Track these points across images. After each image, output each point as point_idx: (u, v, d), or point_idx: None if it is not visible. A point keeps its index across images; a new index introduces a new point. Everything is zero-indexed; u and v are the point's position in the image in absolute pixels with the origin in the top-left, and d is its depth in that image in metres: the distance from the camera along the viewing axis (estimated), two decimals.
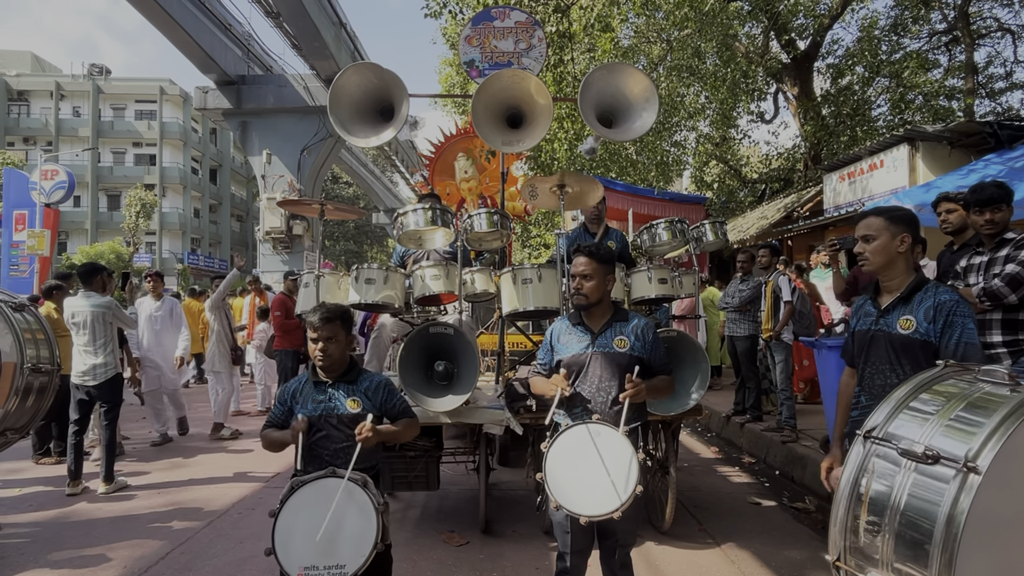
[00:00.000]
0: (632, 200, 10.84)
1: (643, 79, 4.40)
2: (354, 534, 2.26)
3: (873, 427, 1.69)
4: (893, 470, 1.58)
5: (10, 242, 15.56)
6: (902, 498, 1.52)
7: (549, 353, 2.73)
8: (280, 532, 2.26)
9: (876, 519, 1.57)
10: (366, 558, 2.23)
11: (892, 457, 1.60)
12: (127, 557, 3.79)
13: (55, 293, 6.04)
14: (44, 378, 3.64)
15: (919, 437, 1.56)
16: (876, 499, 1.59)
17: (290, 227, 18.64)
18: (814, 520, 4.41)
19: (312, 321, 2.48)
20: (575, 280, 2.60)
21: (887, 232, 2.35)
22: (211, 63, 17.80)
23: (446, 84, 19.02)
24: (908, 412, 1.68)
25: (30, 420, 3.68)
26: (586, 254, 2.58)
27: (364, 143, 4.51)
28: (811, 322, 6.66)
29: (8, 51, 43.92)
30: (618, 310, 2.69)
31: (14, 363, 3.33)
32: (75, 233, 39.75)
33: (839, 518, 1.65)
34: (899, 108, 13.64)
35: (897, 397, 1.73)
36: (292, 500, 2.32)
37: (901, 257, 2.35)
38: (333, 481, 2.35)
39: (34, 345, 3.61)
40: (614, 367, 2.55)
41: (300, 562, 2.22)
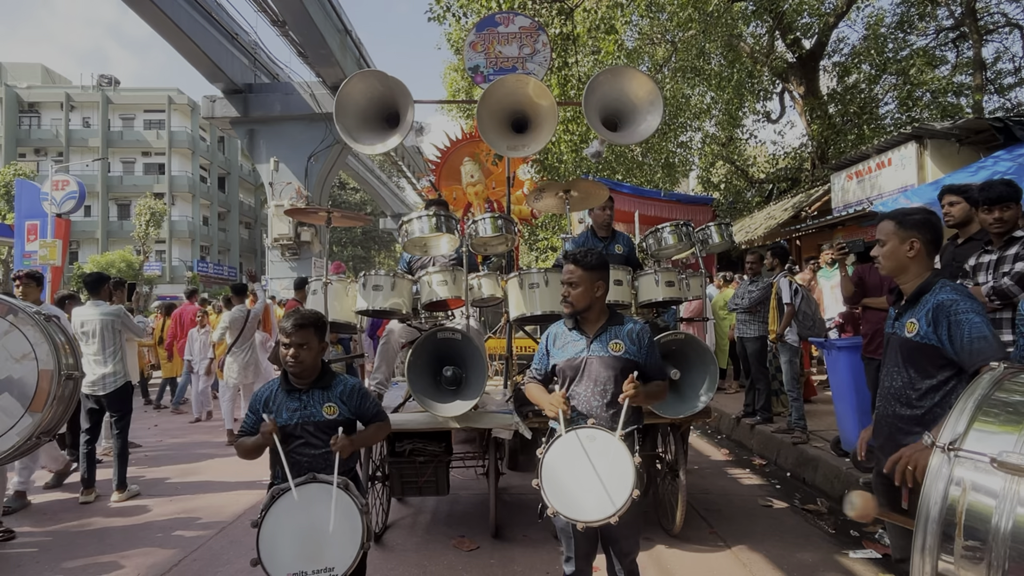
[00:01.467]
0: (639, 202, 10.82)
1: (647, 82, 4.41)
2: (340, 536, 2.28)
3: (953, 439, 1.51)
4: (991, 488, 1.38)
5: (23, 252, 15.68)
6: (1009, 519, 1.32)
7: (545, 358, 2.72)
8: (265, 541, 2.28)
9: (978, 544, 1.36)
10: (354, 559, 2.27)
11: (985, 470, 1.40)
12: (140, 565, 3.82)
13: (67, 303, 6.10)
14: (72, 386, 3.80)
15: (1013, 447, 1.38)
16: (974, 521, 1.38)
17: (298, 234, 18.72)
18: (826, 522, 4.38)
19: (285, 327, 2.46)
20: (563, 287, 2.59)
21: (896, 237, 2.35)
22: (218, 72, 17.94)
23: (451, 89, 19.09)
24: (986, 421, 1.50)
25: (58, 424, 3.86)
26: (572, 261, 2.56)
27: (370, 150, 4.53)
28: (815, 323, 6.62)
29: (19, 63, 44.47)
30: (613, 314, 2.67)
31: (51, 371, 3.50)
32: (86, 242, 40.12)
33: (928, 546, 1.44)
34: (907, 105, 13.57)
35: (968, 407, 1.57)
36: (274, 508, 2.33)
37: (912, 262, 2.33)
38: (314, 486, 2.37)
39: (65, 354, 3.76)
40: (609, 371, 2.54)
41: (288, 568, 2.24)
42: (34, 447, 3.79)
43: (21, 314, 3.53)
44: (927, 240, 2.32)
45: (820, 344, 5.96)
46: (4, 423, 3.42)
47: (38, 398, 3.47)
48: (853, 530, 4.17)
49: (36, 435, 3.53)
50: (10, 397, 3.45)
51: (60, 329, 3.84)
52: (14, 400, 3.45)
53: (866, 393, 4.88)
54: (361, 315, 4.11)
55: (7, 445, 3.41)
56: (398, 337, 4.60)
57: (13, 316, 3.52)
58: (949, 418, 1.57)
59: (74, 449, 6.05)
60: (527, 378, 2.81)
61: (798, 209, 12.28)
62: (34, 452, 4.32)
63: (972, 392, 1.60)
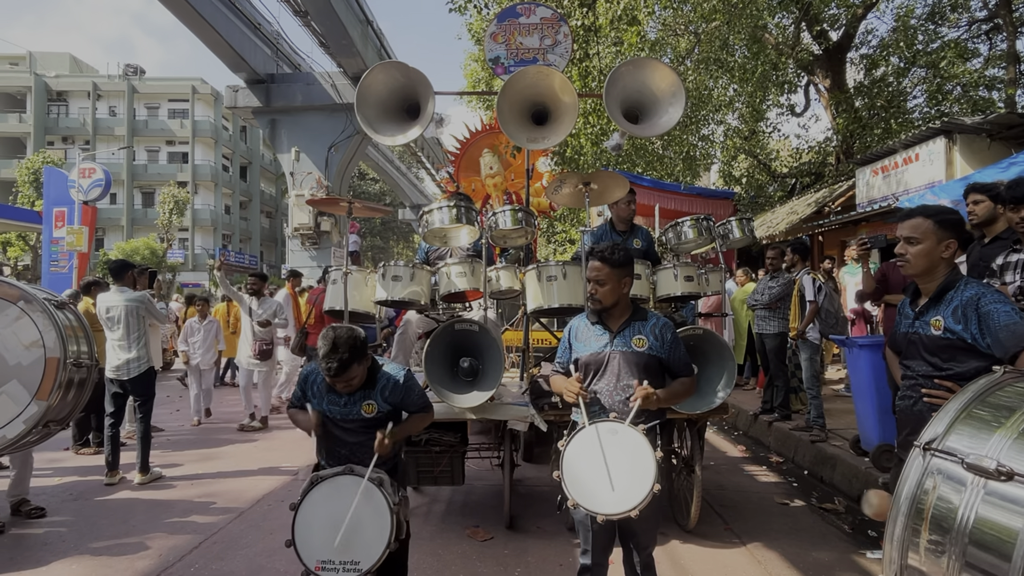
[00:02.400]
0: (659, 195, 10.70)
1: (669, 74, 4.36)
2: (369, 532, 2.31)
3: (932, 439, 1.59)
4: (957, 487, 1.47)
5: (50, 238, 16.01)
6: (970, 519, 1.40)
7: (567, 351, 2.72)
8: (300, 525, 2.33)
9: (939, 539, 1.46)
10: (379, 556, 2.29)
11: (956, 473, 1.48)
12: (163, 546, 3.90)
13: (93, 289, 6.22)
14: (84, 372, 3.76)
15: (986, 451, 1.45)
16: (939, 518, 1.48)
17: (318, 223, 18.91)
18: (844, 521, 4.34)
19: (328, 370, 2.36)
20: (590, 284, 2.58)
21: (934, 237, 2.29)
22: (241, 62, 18.11)
23: (471, 79, 19.06)
24: (968, 423, 1.57)
25: (70, 412, 3.82)
26: (599, 259, 2.54)
27: (391, 141, 4.54)
28: (838, 320, 6.53)
29: (48, 53, 45.23)
30: (637, 309, 2.67)
31: (58, 358, 3.46)
32: (111, 230, 40.84)
33: (896, 535, 1.55)
34: (936, 99, 13.23)
35: (956, 407, 1.63)
36: (312, 495, 2.38)
37: (944, 262, 2.30)
38: (351, 479, 2.41)
39: (75, 341, 3.73)
40: (632, 366, 2.54)
41: (317, 556, 2.28)
42: (44, 436, 3.77)
43: (33, 301, 3.51)
44: (960, 241, 2.30)
45: (841, 342, 5.88)
46: (12, 410, 3.41)
47: (44, 385, 3.45)
48: (871, 530, 4.12)
49: (44, 423, 3.50)
50: (18, 384, 3.44)
51: (75, 316, 3.85)
52: (22, 387, 3.44)
53: (887, 392, 4.80)
54: (380, 305, 4.13)
55: (14, 433, 3.40)
56: (415, 327, 4.63)
57: (25, 303, 3.50)
58: (934, 418, 1.64)
59: (99, 432, 6.19)
60: (551, 370, 2.82)
61: (821, 204, 12.08)
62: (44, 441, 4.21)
63: (963, 394, 1.66)
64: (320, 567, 2.26)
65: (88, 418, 6.26)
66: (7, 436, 3.38)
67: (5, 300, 3.48)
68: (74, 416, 3.90)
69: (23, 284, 3.62)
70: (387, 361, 2.72)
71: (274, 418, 7.84)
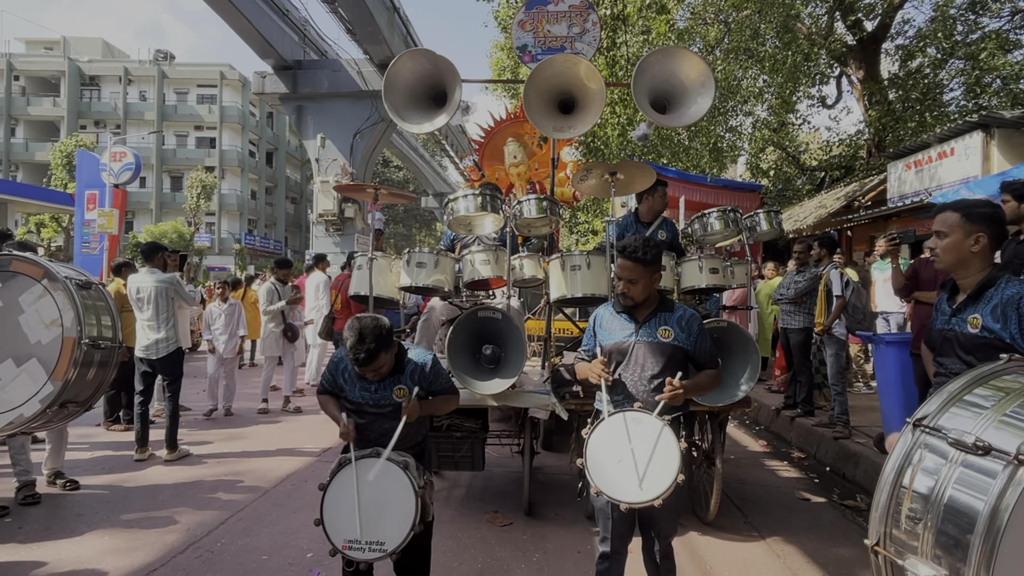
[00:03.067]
0: (684, 187, 10.60)
1: (699, 63, 4.30)
2: (395, 514, 2.35)
3: (924, 416, 1.67)
4: (940, 461, 1.56)
5: (82, 220, 16.39)
6: (947, 489, 1.51)
7: (592, 339, 2.72)
8: (328, 505, 2.38)
9: (919, 508, 1.56)
10: (404, 537, 2.32)
11: (940, 448, 1.58)
12: (190, 521, 4.01)
13: (123, 270, 6.37)
14: (105, 354, 3.73)
15: (971, 429, 1.54)
16: (920, 488, 1.58)
17: (342, 210, 19.04)
18: (866, 519, 4.29)
19: (356, 360, 2.40)
20: (620, 282, 2.55)
21: (960, 230, 2.25)
22: (269, 48, 18.24)
23: (497, 68, 18.98)
24: (962, 405, 1.65)
25: (93, 394, 3.79)
26: (632, 259, 2.49)
27: (417, 129, 4.56)
28: (865, 316, 6.43)
29: (82, 38, 46.08)
30: (663, 300, 2.65)
31: (73, 338, 3.44)
32: (141, 213, 41.63)
33: (881, 504, 1.65)
34: (974, 92, 12.84)
35: (951, 389, 1.70)
36: (340, 476, 2.42)
37: (975, 257, 2.24)
38: (378, 461, 2.44)
39: (96, 321, 3.69)
40: (658, 357, 2.53)
41: (345, 535, 2.32)
42: (65, 417, 3.72)
43: (56, 279, 3.47)
44: (993, 235, 2.23)
45: (868, 338, 5.80)
46: (30, 389, 3.39)
47: (60, 365, 3.40)
48: None
49: (61, 403, 3.46)
50: (37, 363, 3.42)
51: (100, 296, 3.81)
52: (40, 366, 3.41)
53: (914, 389, 4.72)
54: (404, 291, 4.17)
55: (31, 412, 3.36)
56: (439, 314, 4.66)
57: (48, 281, 3.47)
58: (930, 398, 1.72)
59: (129, 409, 6.36)
60: (576, 357, 2.83)
61: (851, 199, 11.85)
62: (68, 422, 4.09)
63: (963, 377, 1.74)
64: (347, 546, 2.30)
65: (119, 396, 6.45)
66: (24, 415, 3.36)
67: (30, 278, 3.47)
68: (96, 398, 3.83)
69: (48, 262, 3.55)
70: (413, 346, 2.75)
71: (297, 399, 7.98)
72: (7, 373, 3.39)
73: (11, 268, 3.47)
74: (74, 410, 3.70)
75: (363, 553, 2.30)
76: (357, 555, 2.30)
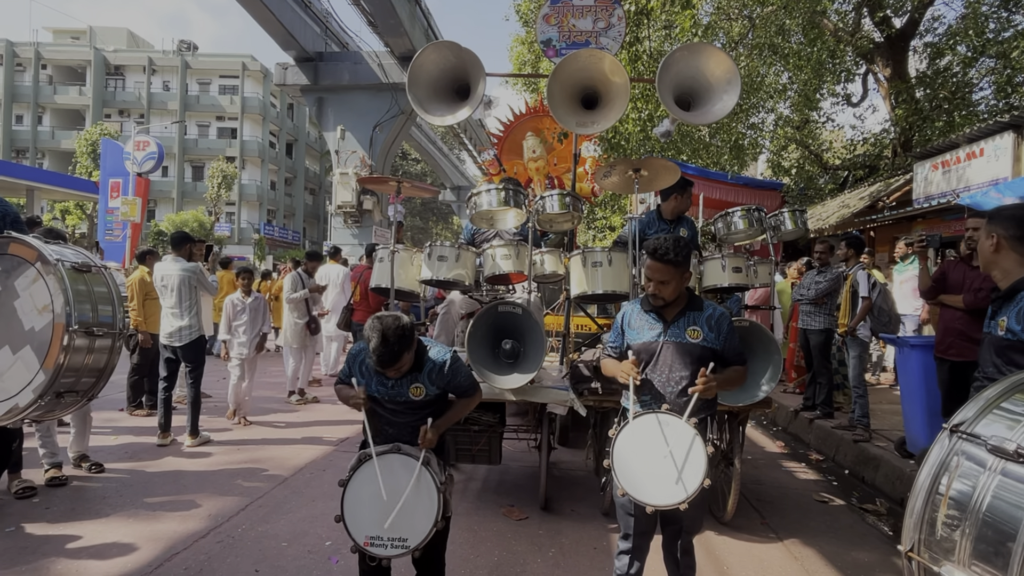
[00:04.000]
0: (704, 184, 10.50)
1: (725, 60, 4.26)
2: (418, 510, 2.34)
3: (961, 422, 1.64)
4: (978, 468, 1.54)
5: (106, 208, 16.67)
6: (986, 496, 1.48)
7: (620, 336, 2.70)
8: (349, 501, 2.37)
9: (956, 514, 1.54)
10: (427, 534, 2.32)
11: (979, 455, 1.56)
12: (212, 506, 4.08)
13: (148, 258, 6.46)
14: (103, 341, 3.42)
15: (1011, 436, 1.52)
16: (957, 495, 1.55)
17: (360, 202, 19.16)
18: (885, 523, 4.25)
19: (379, 361, 2.37)
20: (650, 283, 2.52)
21: (983, 232, 2.33)
22: (291, 40, 18.37)
23: (517, 62, 18.89)
24: (1000, 411, 1.62)
25: (95, 383, 3.50)
26: (663, 261, 2.46)
27: (440, 121, 4.57)
28: (890, 319, 6.34)
29: (107, 28, 46.70)
30: (692, 299, 2.62)
31: (63, 324, 3.17)
32: (163, 202, 42.19)
33: (916, 510, 1.63)
34: (1005, 92, 12.55)
35: (989, 396, 1.67)
36: (360, 472, 2.42)
37: (997, 256, 2.28)
38: (398, 458, 2.44)
39: (91, 306, 3.39)
40: (686, 357, 2.51)
41: (366, 531, 2.32)
42: (65, 407, 3.45)
43: (48, 262, 3.19)
44: (1012, 236, 2.24)
45: (892, 341, 5.72)
46: (24, 378, 3.17)
47: (50, 353, 3.15)
48: None
49: (55, 393, 3.21)
50: (30, 350, 3.20)
51: (101, 280, 3.50)
52: (34, 355, 3.19)
53: (937, 393, 4.65)
54: (425, 284, 4.19)
55: (25, 401, 3.14)
56: (458, 308, 4.68)
57: (41, 264, 3.20)
58: (967, 403, 1.69)
59: (152, 395, 6.47)
60: (603, 354, 2.81)
61: (875, 199, 11.67)
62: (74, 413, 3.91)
63: (1000, 384, 1.71)
64: (369, 543, 2.30)
65: (142, 381, 6.56)
66: (19, 405, 3.15)
67: (25, 261, 3.21)
68: (99, 387, 3.54)
69: (43, 243, 3.27)
70: (433, 343, 2.69)
71: (314, 389, 8.06)
72: (4, 361, 3.19)
73: (8, 251, 3.24)
74: (72, 400, 3.42)
75: (385, 549, 2.30)
76: (379, 551, 2.30)
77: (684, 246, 2.51)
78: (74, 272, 3.28)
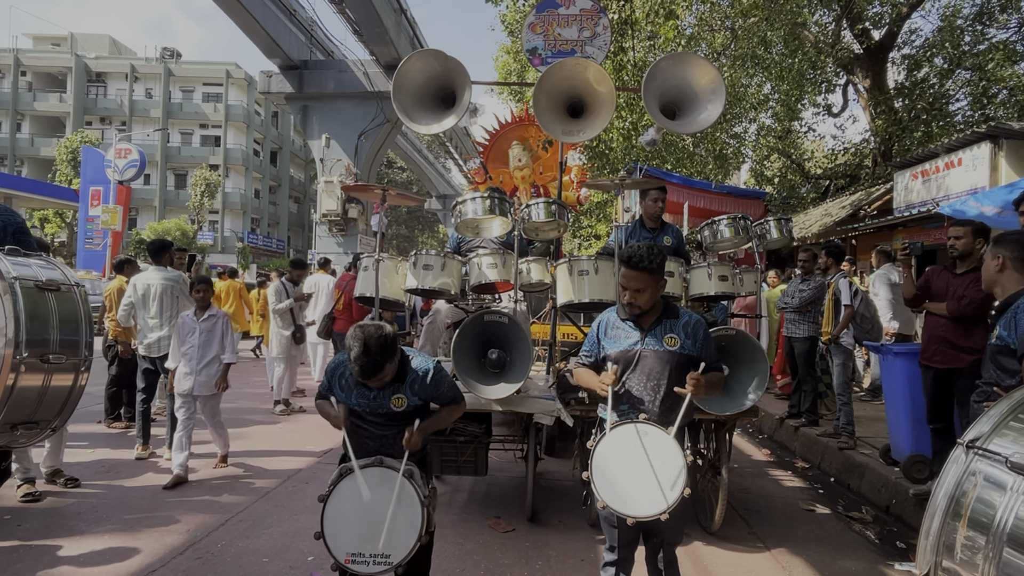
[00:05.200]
0: (688, 193, 10.59)
1: (711, 70, 4.29)
2: (401, 525, 2.29)
3: (976, 437, 1.59)
4: (998, 488, 1.47)
5: (86, 216, 16.43)
6: (1008, 519, 1.41)
7: (596, 346, 2.66)
8: (329, 517, 2.31)
9: (976, 537, 1.46)
10: (411, 549, 2.26)
11: (998, 475, 1.48)
12: (191, 521, 3.98)
13: (126, 267, 6.34)
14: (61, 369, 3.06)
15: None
16: (978, 517, 1.47)
17: (346, 210, 19.06)
18: (871, 531, 4.26)
19: (361, 372, 2.31)
20: (626, 292, 2.50)
21: (989, 253, 2.65)
22: (276, 48, 18.29)
23: (503, 71, 18.97)
24: (1014, 427, 1.57)
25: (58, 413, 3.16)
26: (638, 268, 2.45)
27: (426, 130, 4.54)
28: (873, 326, 6.39)
29: (89, 34, 46.23)
30: (668, 306, 2.60)
31: (11, 352, 2.84)
32: (144, 210, 41.66)
33: (932, 532, 1.56)
34: (981, 103, 12.82)
35: (1001, 410, 1.63)
36: (341, 486, 2.35)
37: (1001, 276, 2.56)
38: (380, 471, 2.38)
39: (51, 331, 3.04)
40: (664, 365, 2.49)
41: (347, 548, 2.26)
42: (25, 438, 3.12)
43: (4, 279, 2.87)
44: (1015, 257, 2.50)
45: (875, 348, 5.76)
46: None
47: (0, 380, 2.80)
48: (899, 541, 4.04)
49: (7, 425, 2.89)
50: None
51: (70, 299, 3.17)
52: None
53: (921, 401, 4.68)
54: (410, 294, 4.15)
55: None
56: (444, 317, 4.64)
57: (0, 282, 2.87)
58: (980, 418, 1.66)
59: (130, 407, 6.33)
60: (576, 362, 2.78)
61: (856, 207, 11.82)
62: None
63: (1011, 397, 1.68)
64: (350, 560, 2.24)
65: (120, 393, 6.41)
66: None
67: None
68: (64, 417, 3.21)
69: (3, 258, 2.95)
70: (416, 353, 2.64)
71: (299, 399, 7.95)
72: None
73: None
74: (30, 432, 3.07)
75: (368, 567, 2.24)
76: (361, 569, 2.24)
77: (658, 254, 2.50)
78: (36, 291, 2.98)
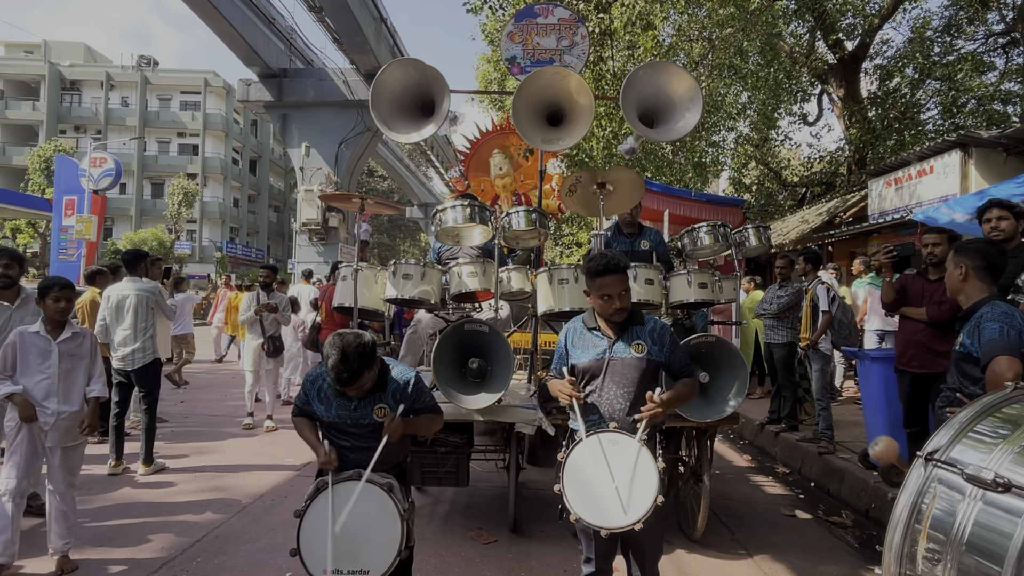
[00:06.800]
0: (668, 201, 10.68)
1: (688, 79, 4.32)
2: (379, 540, 2.24)
3: (935, 449, 1.61)
4: (957, 497, 1.50)
5: (60, 227, 16.08)
6: (966, 527, 1.44)
7: (564, 357, 2.63)
8: (305, 533, 2.25)
9: (937, 547, 1.49)
10: (390, 564, 2.22)
11: (956, 483, 1.52)
12: (165, 538, 3.88)
13: (98, 278, 6.19)
14: None
15: (987, 463, 1.48)
16: (937, 526, 1.50)
17: (326, 219, 18.89)
18: (851, 536, 4.29)
19: (338, 380, 2.30)
20: (612, 299, 2.46)
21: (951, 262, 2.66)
22: (254, 56, 18.13)
23: (483, 80, 19.04)
24: (973, 436, 1.60)
25: None
26: (614, 271, 2.44)
27: (405, 139, 4.52)
28: (851, 331, 6.46)
29: (63, 42, 45.53)
30: (633, 313, 2.58)
31: None
32: (120, 219, 41.00)
33: (895, 543, 1.58)
34: (951, 112, 13.14)
35: (961, 419, 1.65)
36: (318, 501, 2.31)
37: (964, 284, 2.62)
38: (357, 484, 2.33)
39: None
40: (633, 373, 2.47)
41: (324, 564, 2.21)
42: None
43: None
44: (977, 266, 2.56)
45: (853, 354, 5.83)
46: None
47: None
48: (879, 545, 4.07)
49: None
50: None
51: None
52: None
53: (898, 406, 4.74)
54: (389, 303, 4.11)
55: None
56: (426, 327, 4.60)
57: None
58: (941, 427, 1.69)
59: (103, 421, 6.17)
60: (549, 376, 2.76)
61: (832, 214, 12.01)
62: None
63: (971, 407, 1.71)
64: None
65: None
66: None
67: None
68: None
69: None
70: (396, 363, 2.62)
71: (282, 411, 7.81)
72: None
73: None
74: None
75: None
76: None
77: (616, 253, 2.51)
78: None
